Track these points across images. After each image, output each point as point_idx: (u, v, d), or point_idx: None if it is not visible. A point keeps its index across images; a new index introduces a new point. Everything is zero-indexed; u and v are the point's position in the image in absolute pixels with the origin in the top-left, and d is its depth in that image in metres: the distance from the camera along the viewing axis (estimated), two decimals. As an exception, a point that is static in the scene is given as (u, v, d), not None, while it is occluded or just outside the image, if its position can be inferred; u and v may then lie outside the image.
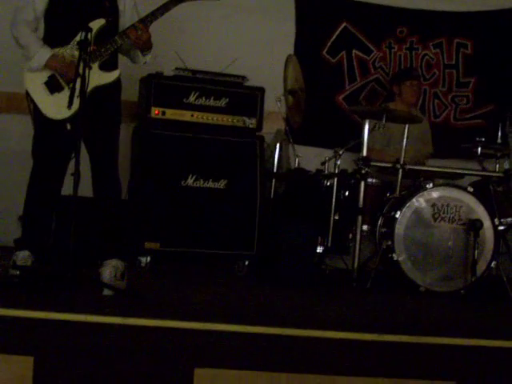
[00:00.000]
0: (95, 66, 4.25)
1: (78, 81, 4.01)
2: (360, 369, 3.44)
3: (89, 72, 4.05)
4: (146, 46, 4.44)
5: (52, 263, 4.11)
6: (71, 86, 4.04)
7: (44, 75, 4.29)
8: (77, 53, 4.08)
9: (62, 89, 4.26)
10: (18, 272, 4.24)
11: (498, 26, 7.02)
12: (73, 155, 4.00)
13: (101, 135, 4.38)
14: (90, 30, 4.08)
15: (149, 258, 5.38)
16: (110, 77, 4.35)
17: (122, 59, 4.58)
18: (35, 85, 4.30)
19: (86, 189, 4.28)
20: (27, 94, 4.35)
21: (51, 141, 4.35)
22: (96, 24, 4.21)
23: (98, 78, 4.26)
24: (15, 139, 5.99)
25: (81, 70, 3.99)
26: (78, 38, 4.12)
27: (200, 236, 5.52)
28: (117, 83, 4.43)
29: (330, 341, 3.47)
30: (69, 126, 4.19)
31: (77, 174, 3.93)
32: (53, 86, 4.28)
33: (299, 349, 3.43)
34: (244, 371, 3.35)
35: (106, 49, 4.29)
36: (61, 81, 4.28)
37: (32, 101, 4.32)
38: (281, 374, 3.37)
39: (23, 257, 4.32)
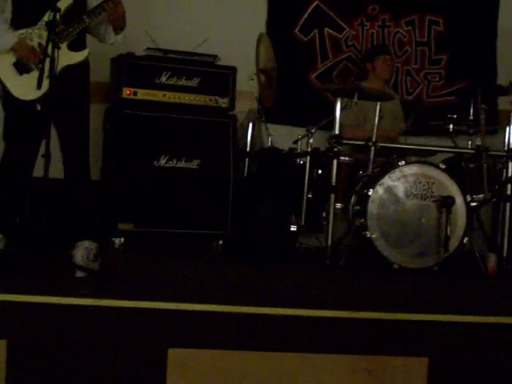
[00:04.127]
0: (64, 46, 4.19)
1: (47, 61, 3.97)
2: (333, 346, 3.46)
3: (58, 52, 4.01)
4: (121, 24, 4.39)
5: (24, 245, 4.09)
6: (40, 66, 4.01)
7: (13, 56, 4.24)
8: (45, 33, 4.04)
9: (31, 70, 4.22)
10: (-11, 255, 4.23)
11: (469, 2, 7.04)
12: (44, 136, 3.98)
13: (71, 115, 4.34)
14: (59, 9, 4.05)
15: (122, 239, 5.38)
16: (79, 56, 4.31)
17: (92, 40, 4.54)
18: (4, 66, 4.25)
19: (57, 170, 4.25)
20: (-4, 75, 4.31)
21: (22, 122, 4.31)
22: (63, 3, 4.16)
23: (66, 57, 4.21)
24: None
25: (49, 51, 3.95)
26: (45, 18, 4.10)
27: (174, 216, 5.52)
28: (85, 63, 4.39)
29: (302, 318, 3.49)
30: (38, 107, 4.16)
31: (47, 156, 3.91)
32: (21, 66, 4.23)
33: (272, 327, 3.44)
34: (217, 350, 3.36)
35: (73, 28, 4.24)
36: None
37: (1, 82, 4.29)
38: (253, 352, 3.38)
39: (-5, 239, 4.30)
